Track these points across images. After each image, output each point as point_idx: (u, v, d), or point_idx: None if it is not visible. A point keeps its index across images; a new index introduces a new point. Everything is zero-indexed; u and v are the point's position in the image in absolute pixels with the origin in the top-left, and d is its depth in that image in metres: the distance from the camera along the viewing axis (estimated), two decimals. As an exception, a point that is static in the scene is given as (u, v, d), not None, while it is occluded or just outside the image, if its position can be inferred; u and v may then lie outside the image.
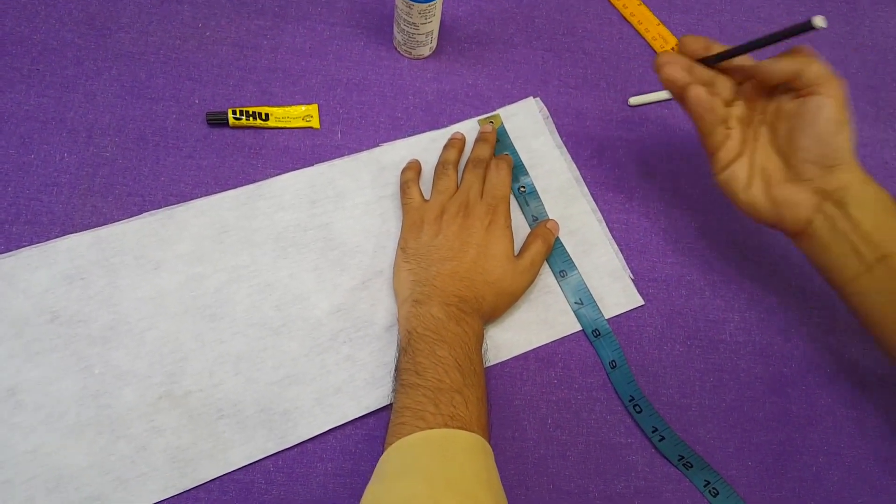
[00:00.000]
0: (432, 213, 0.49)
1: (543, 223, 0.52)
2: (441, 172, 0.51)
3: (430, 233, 0.49)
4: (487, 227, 0.49)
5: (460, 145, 0.54)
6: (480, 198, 0.50)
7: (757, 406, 0.51)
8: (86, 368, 0.46)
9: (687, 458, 0.48)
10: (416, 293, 0.46)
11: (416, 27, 0.54)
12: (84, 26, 0.56)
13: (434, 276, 0.47)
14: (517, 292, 0.49)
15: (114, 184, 0.51)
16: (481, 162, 0.52)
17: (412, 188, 0.51)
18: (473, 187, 0.50)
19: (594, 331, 0.50)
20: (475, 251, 0.48)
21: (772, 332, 0.53)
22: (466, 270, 0.47)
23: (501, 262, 0.48)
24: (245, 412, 0.46)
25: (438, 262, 0.47)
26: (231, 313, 0.48)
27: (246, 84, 0.55)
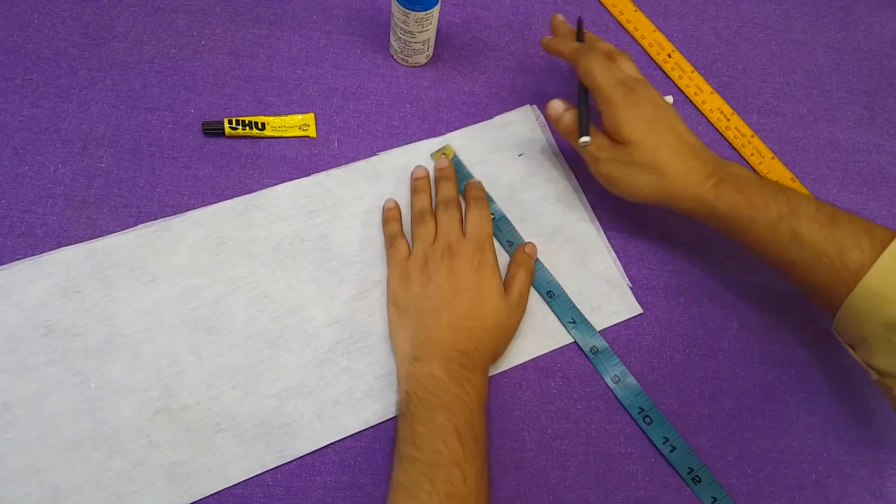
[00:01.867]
0: (418, 263, 0.48)
1: (521, 248, 0.51)
2: (418, 221, 0.50)
3: (419, 283, 0.47)
4: (476, 267, 0.48)
5: (427, 186, 0.53)
6: (462, 237, 0.49)
7: (756, 414, 0.51)
8: (81, 383, 0.45)
9: (696, 472, 0.47)
10: (415, 349, 0.45)
11: (413, 35, 0.54)
12: (78, 35, 0.55)
13: (431, 329, 0.46)
14: (514, 328, 0.49)
15: (109, 195, 0.50)
16: (451, 201, 0.51)
17: (399, 241, 0.50)
18: (452, 228, 0.49)
19: (591, 348, 0.50)
20: (468, 296, 0.47)
21: (770, 340, 0.53)
22: (463, 318, 0.46)
23: (495, 303, 0.47)
24: (243, 426, 0.45)
25: (433, 314, 0.46)
26: (228, 325, 0.48)
27: (242, 93, 0.55)
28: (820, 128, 0.61)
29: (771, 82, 0.63)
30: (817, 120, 0.62)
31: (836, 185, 0.59)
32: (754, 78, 0.63)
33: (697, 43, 0.63)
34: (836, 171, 0.60)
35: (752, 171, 0.47)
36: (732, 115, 0.60)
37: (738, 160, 0.58)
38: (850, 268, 0.41)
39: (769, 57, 0.64)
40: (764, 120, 0.61)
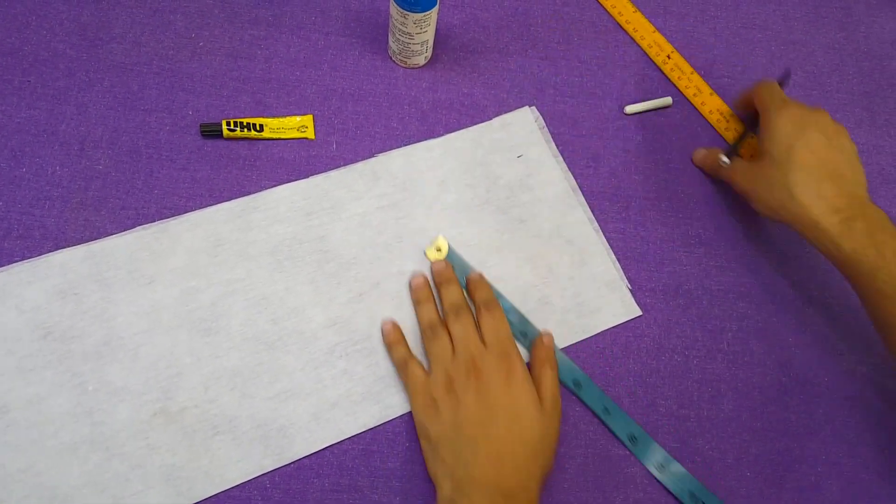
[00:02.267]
0: (441, 386, 0.44)
1: (539, 341, 0.48)
2: (430, 336, 0.47)
3: (448, 410, 0.43)
4: (506, 379, 0.44)
5: (430, 295, 0.49)
6: (482, 345, 0.46)
7: (755, 416, 0.50)
8: (79, 385, 0.45)
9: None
10: (454, 492, 0.41)
11: (411, 37, 0.54)
12: (76, 37, 0.55)
13: (470, 465, 0.41)
14: (556, 437, 0.45)
15: (107, 197, 0.50)
16: (460, 306, 0.48)
17: (413, 363, 0.46)
18: (470, 338, 0.46)
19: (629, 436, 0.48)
20: (504, 417, 0.43)
21: (770, 342, 0.53)
22: (503, 444, 0.42)
23: (534, 417, 0.43)
24: (241, 428, 0.45)
25: (470, 445, 0.42)
26: (226, 328, 0.48)
27: (240, 95, 0.55)
28: (819, 129, 0.61)
29: (770, 83, 0.62)
30: (817, 121, 0.61)
31: (836, 187, 0.59)
32: (754, 79, 0.62)
33: (697, 44, 0.63)
34: (835, 173, 0.59)
35: (891, 221, 0.46)
36: (731, 116, 0.59)
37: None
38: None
39: (769, 58, 0.64)
40: (763, 121, 0.61)
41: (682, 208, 0.56)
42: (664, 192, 0.56)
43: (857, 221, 0.45)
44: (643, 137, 0.58)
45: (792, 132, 0.48)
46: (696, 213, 0.56)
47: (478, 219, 0.53)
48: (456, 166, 0.55)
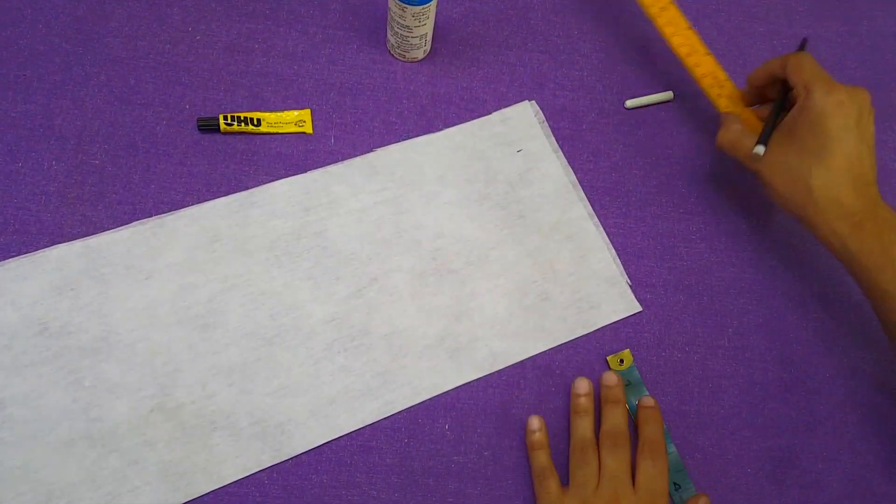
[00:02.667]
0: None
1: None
2: (579, 458, 0.45)
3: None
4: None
5: (591, 408, 0.47)
6: (631, 488, 0.43)
7: (756, 412, 0.50)
8: (76, 381, 0.45)
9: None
10: None
11: (410, 30, 0.53)
12: (72, 31, 0.55)
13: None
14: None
15: (103, 192, 0.50)
16: (620, 435, 0.45)
17: (552, 478, 0.44)
18: (620, 477, 0.44)
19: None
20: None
21: (771, 337, 0.52)
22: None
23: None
24: (239, 424, 0.45)
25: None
26: (224, 323, 0.47)
27: (237, 89, 0.54)
28: (822, 123, 0.61)
29: (772, 77, 0.62)
30: (819, 115, 0.61)
31: (838, 181, 0.58)
32: (755, 73, 0.62)
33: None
34: (837, 167, 0.59)
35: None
36: (727, 81, 0.55)
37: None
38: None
39: (771, 51, 0.63)
40: (765, 115, 0.60)
41: (682, 203, 0.56)
42: (665, 187, 0.56)
43: (867, 223, 0.44)
44: (644, 132, 0.58)
45: (830, 124, 0.44)
46: (696, 208, 0.56)
47: (477, 214, 0.53)
48: (455, 161, 0.54)
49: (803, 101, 0.46)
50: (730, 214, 0.56)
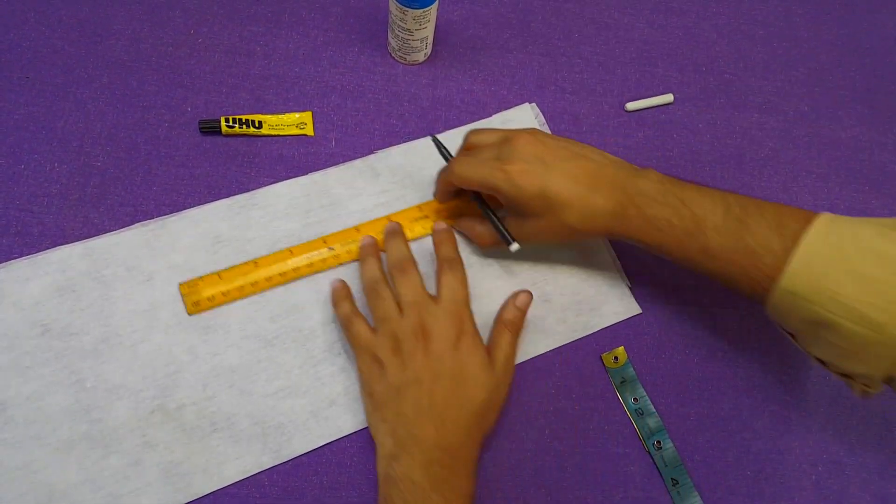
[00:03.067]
0: (388, 348, 0.43)
1: (512, 302, 0.48)
2: (373, 295, 0.46)
3: (393, 371, 0.43)
4: (455, 343, 0.43)
5: (375, 251, 0.48)
6: (430, 303, 0.44)
7: (755, 415, 0.50)
8: (77, 382, 0.45)
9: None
10: (395, 447, 0.42)
11: (411, 33, 0.54)
12: (75, 33, 0.55)
13: (412, 424, 0.41)
14: (502, 400, 0.45)
15: (105, 194, 0.50)
16: (405, 260, 0.46)
17: (357, 321, 0.45)
18: (418, 297, 0.44)
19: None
20: (450, 381, 0.42)
21: (770, 340, 0.52)
22: (446, 407, 0.42)
23: (481, 380, 0.43)
24: (239, 425, 0.45)
25: (413, 405, 0.42)
26: (224, 326, 0.48)
27: (239, 91, 0.55)
28: (822, 126, 0.61)
29: (772, 80, 0.62)
30: (819, 118, 0.61)
31: (838, 184, 0.59)
32: (755, 76, 0.62)
33: (698, 40, 0.63)
34: (837, 170, 0.59)
35: (661, 182, 0.44)
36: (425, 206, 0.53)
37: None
38: (766, 273, 0.40)
39: (770, 55, 0.63)
40: (765, 118, 0.60)
41: None
42: None
43: (628, 209, 0.44)
44: (644, 134, 0.58)
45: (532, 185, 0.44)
46: None
47: None
48: None
49: (497, 194, 0.45)
50: None
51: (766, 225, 0.41)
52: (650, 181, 0.44)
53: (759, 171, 0.58)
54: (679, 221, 0.43)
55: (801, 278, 0.39)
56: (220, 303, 0.47)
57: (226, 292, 0.48)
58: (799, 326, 0.41)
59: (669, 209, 0.43)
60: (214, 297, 0.48)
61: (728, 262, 0.42)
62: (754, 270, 0.41)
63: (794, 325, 0.41)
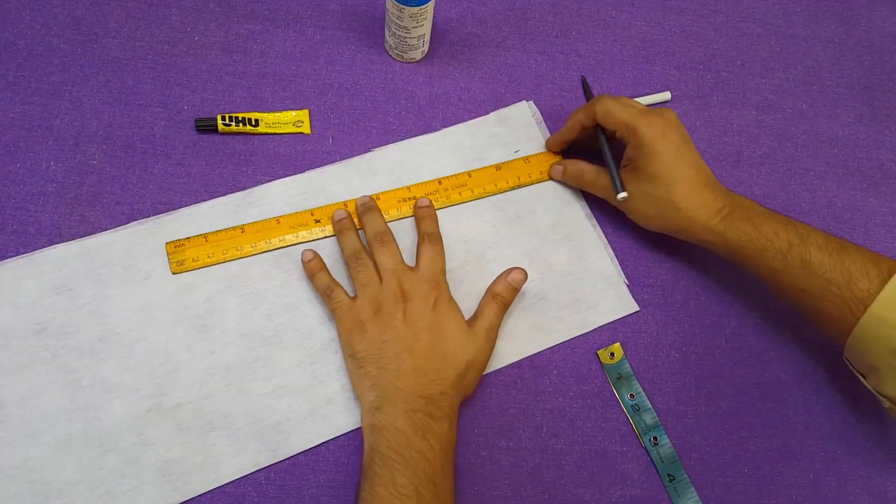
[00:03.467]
0: (369, 311, 0.45)
1: (504, 277, 0.49)
2: (355, 264, 0.47)
3: (375, 329, 0.45)
4: (434, 306, 0.46)
5: (352, 225, 0.49)
6: (409, 271, 0.47)
7: (753, 412, 0.50)
8: (74, 381, 0.45)
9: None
10: (378, 399, 0.43)
11: (408, 31, 0.53)
12: (71, 31, 0.55)
13: (394, 377, 0.43)
14: (482, 363, 0.47)
15: (101, 192, 0.50)
16: (384, 233, 0.48)
17: (337, 291, 0.47)
18: (397, 264, 0.47)
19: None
20: (429, 336, 0.45)
21: (768, 338, 0.52)
22: (427, 360, 0.44)
23: (458, 338, 0.46)
24: (236, 424, 0.45)
25: (395, 359, 0.44)
26: (222, 323, 0.47)
27: (235, 89, 0.55)
28: (820, 123, 0.61)
29: (770, 78, 0.62)
30: (817, 116, 0.61)
31: (836, 182, 0.59)
32: (753, 73, 0.62)
33: (696, 38, 0.63)
34: (835, 168, 0.59)
35: (759, 204, 0.48)
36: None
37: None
38: (858, 296, 0.42)
39: (768, 52, 0.63)
40: (763, 116, 0.60)
41: None
42: None
43: (735, 213, 0.47)
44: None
45: (668, 148, 0.47)
46: None
47: (474, 214, 0.53)
48: (453, 161, 0.54)
49: (632, 139, 0.48)
50: None
51: (863, 256, 0.44)
52: (750, 200, 0.48)
53: (757, 168, 0.58)
54: (784, 233, 0.45)
55: (894, 306, 0.41)
56: (204, 264, 0.48)
57: (210, 254, 0.48)
58: (882, 359, 0.42)
59: (776, 221, 0.46)
60: (199, 259, 0.48)
61: (825, 281, 0.44)
62: (848, 293, 0.43)
63: (878, 357, 0.42)
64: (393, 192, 0.52)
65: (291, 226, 0.50)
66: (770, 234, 0.46)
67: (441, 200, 0.53)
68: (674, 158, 0.47)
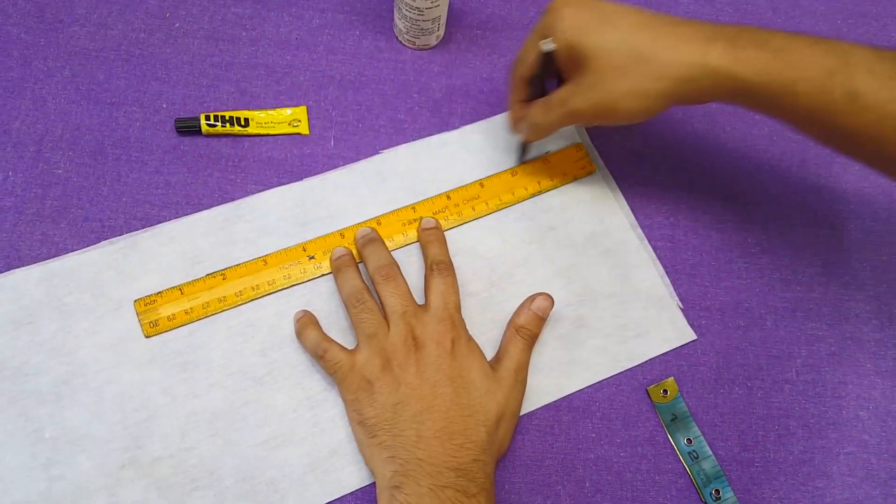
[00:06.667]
0: (376, 366, 0.39)
1: (527, 305, 0.43)
2: (356, 306, 0.41)
3: (386, 388, 0.39)
4: (451, 351, 0.40)
5: (353, 262, 0.43)
6: (419, 312, 0.41)
7: (831, 458, 0.44)
8: (35, 432, 0.40)
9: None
10: (397, 475, 0.37)
11: (421, 12, 0.48)
12: (32, 20, 0.50)
13: (414, 445, 0.37)
14: (515, 411, 0.41)
15: (67, 206, 0.45)
16: (389, 266, 0.42)
17: (332, 348, 0.41)
18: (406, 304, 0.41)
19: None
20: (449, 389, 0.38)
21: (845, 369, 0.46)
22: (450, 420, 0.38)
23: (484, 386, 0.39)
24: (224, 482, 0.40)
25: (414, 423, 0.38)
26: (206, 361, 0.42)
27: (222, 84, 0.50)
28: None
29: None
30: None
31: None
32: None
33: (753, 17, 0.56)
34: None
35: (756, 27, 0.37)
36: None
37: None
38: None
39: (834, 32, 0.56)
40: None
41: (740, 210, 0.49)
42: (718, 192, 0.50)
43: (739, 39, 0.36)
44: (692, 126, 0.52)
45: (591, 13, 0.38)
46: (756, 215, 0.49)
47: (499, 226, 0.47)
48: (474, 164, 0.49)
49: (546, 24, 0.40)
50: (796, 222, 0.49)
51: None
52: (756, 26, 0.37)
53: (826, 168, 0.51)
54: (819, 56, 0.35)
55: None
56: (182, 322, 0.42)
57: (189, 309, 0.42)
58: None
59: (801, 42, 0.35)
60: (175, 316, 0.42)
61: (881, 115, 0.34)
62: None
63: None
64: (395, 215, 0.46)
65: (281, 265, 0.44)
66: (796, 60, 0.35)
67: (452, 219, 0.46)
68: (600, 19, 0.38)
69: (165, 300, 0.43)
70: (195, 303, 0.43)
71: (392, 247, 0.45)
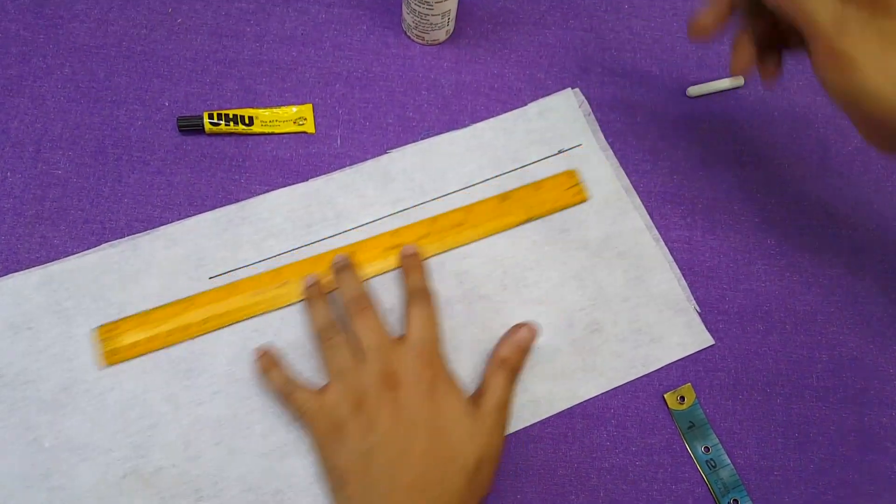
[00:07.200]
0: (347, 407, 0.37)
1: (512, 334, 0.41)
2: (327, 345, 0.39)
3: (356, 434, 0.36)
4: (428, 389, 0.37)
5: (321, 292, 0.41)
6: (393, 347, 0.38)
7: (852, 466, 0.43)
8: (34, 441, 0.39)
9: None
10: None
11: (430, 6, 0.46)
12: (31, 16, 0.48)
13: (387, 498, 0.35)
14: (495, 452, 0.38)
15: (67, 208, 0.44)
16: (360, 298, 0.40)
17: (297, 388, 0.39)
18: (381, 340, 0.39)
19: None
20: (426, 434, 0.36)
21: (867, 374, 0.45)
22: (426, 468, 0.35)
23: (464, 427, 0.37)
24: (228, 492, 0.39)
25: (386, 473, 0.35)
26: (210, 367, 0.41)
27: (225, 81, 0.48)
28: None
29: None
30: None
31: None
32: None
33: None
34: None
35: None
36: None
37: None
38: None
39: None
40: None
41: (759, 211, 0.48)
42: (737, 193, 0.48)
43: None
44: (710, 125, 0.50)
45: None
46: (776, 216, 0.48)
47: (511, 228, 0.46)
48: (485, 163, 0.47)
49: None
50: (816, 224, 0.48)
51: None
52: None
53: (848, 166, 0.50)
54: None
55: None
56: (145, 351, 0.40)
57: (151, 338, 0.40)
58: None
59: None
60: (138, 344, 0.40)
61: None
62: None
63: None
64: (375, 240, 0.44)
65: (251, 291, 0.42)
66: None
67: (432, 247, 0.44)
68: None
69: (127, 326, 0.40)
70: (158, 331, 0.40)
71: (375, 272, 0.43)
